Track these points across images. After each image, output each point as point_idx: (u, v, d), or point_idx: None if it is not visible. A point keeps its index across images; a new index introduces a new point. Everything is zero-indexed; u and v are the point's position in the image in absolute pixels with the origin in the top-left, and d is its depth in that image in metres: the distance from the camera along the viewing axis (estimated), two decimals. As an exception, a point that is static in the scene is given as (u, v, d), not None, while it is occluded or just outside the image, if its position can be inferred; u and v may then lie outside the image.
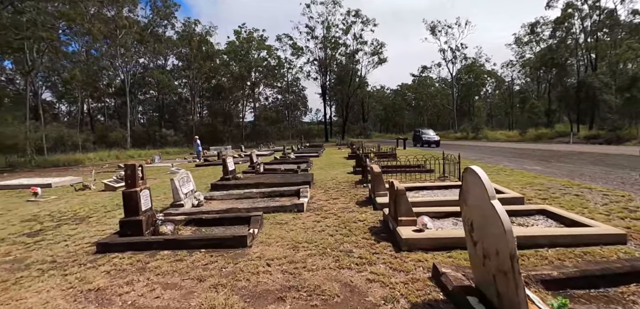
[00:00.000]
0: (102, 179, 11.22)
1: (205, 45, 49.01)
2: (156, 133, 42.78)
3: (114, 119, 49.96)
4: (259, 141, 50.28)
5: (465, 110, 77.63)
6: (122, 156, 28.21)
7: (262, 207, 5.59)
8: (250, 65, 51.37)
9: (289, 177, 8.81)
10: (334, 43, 56.50)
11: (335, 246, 3.89)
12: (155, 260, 3.59)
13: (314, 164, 14.23)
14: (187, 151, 38.67)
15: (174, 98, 55.97)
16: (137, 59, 46.67)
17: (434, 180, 8.60)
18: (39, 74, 41.28)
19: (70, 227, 5.29)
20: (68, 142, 29.12)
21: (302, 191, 6.67)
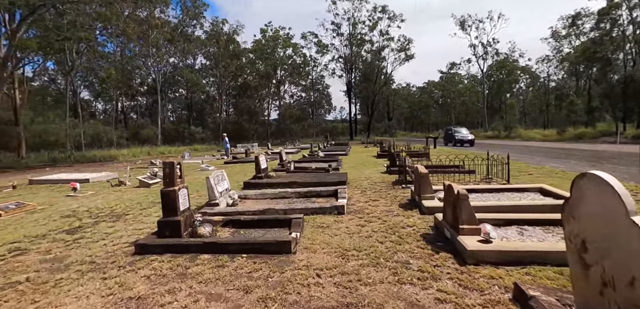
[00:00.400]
0: (136, 176, 11.38)
1: (232, 44, 49.74)
2: (185, 130, 43.92)
3: (146, 116, 51.85)
4: (284, 138, 50.48)
5: (496, 108, 74.44)
6: (154, 153, 29.05)
7: (300, 209, 5.29)
8: (276, 63, 51.60)
9: (323, 177, 8.48)
10: (360, 40, 55.68)
11: (388, 255, 3.50)
12: (195, 265, 3.35)
13: (344, 163, 13.83)
14: (215, 147, 39.41)
15: (202, 97, 57.32)
16: (168, 58, 48.10)
17: (478, 181, 7.99)
18: (78, 74, 43.48)
19: (107, 224, 5.21)
20: (103, 138, 30.36)
21: (340, 191, 6.30)
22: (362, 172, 10.68)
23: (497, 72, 67.56)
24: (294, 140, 44.51)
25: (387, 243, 3.89)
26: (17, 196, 8.73)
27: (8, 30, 21.52)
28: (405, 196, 6.63)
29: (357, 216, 5.17)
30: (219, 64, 47.34)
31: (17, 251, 4.09)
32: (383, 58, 57.74)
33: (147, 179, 9.36)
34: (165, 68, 48.38)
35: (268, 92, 56.54)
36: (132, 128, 42.99)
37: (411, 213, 5.22)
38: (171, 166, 4.08)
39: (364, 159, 16.42)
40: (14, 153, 25.21)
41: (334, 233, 4.30)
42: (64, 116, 27.41)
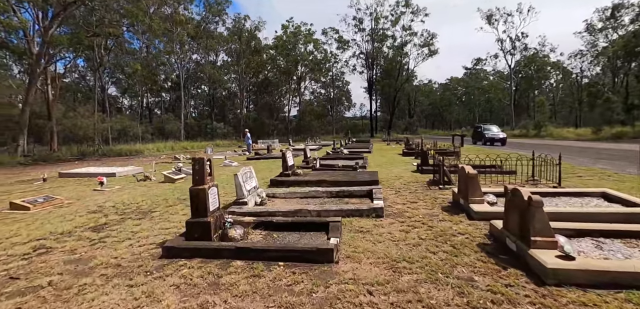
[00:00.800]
0: (161, 171, 11.33)
1: (254, 41, 49.91)
2: (207, 126, 44.50)
3: (169, 112, 52.96)
4: (304, 135, 50.27)
5: (524, 106, 71.40)
6: (177, 147, 29.48)
7: (335, 211, 4.87)
8: (297, 59, 51.39)
9: (353, 175, 8.03)
10: (382, 35, 54.60)
11: (446, 269, 3.03)
12: (228, 273, 3.01)
13: (369, 161, 13.31)
14: (236, 143, 39.69)
15: (224, 93, 58.00)
16: (191, 55, 48.86)
17: (523, 183, 7.32)
18: (106, 71, 44.89)
19: (133, 222, 4.99)
20: (129, 133, 31.08)
21: (375, 192, 5.84)
22: (391, 171, 10.15)
23: (525, 68, 64.72)
24: (315, 136, 44.23)
25: (440, 253, 3.42)
26: (47, 188, 8.79)
27: (41, 27, 22.26)
28: (445, 198, 6.09)
29: (397, 219, 4.70)
30: (241, 60, 47.61)
31: (42, 249, 3.90)
32: (405, 54, 56.41)
33: (172, 175, 9.22)
34: (188, 65, 49.22)
35: (288, 89, 56.49)
36: (157, 123, 43.94)
37: (458, 218, 4.70)
38: (201, 162, 3.76)
39: (390, 157, 15.83)
40: (47, 146, 26.23)
41: (376, 239, 3.86)
42: (92, 111, 28.18)
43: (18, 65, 34.71)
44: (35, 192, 8.22)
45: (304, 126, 53.67)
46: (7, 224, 5.14)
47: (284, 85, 57.69)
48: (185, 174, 9.95)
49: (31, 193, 8.07)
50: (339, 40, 54.35)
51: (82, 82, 49.42)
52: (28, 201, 6.24)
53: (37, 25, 22.04)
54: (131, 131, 31.17)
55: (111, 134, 28.37)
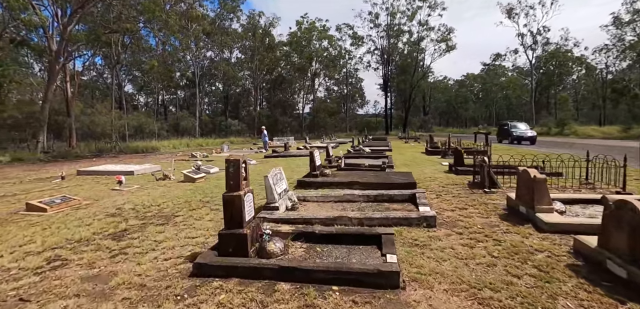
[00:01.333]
0: (180, 169, 10.98)
1: (268, 38, 49.57)
2: (221, 123, 44.46)
3: (184, 109, 53.24)
4: (318, 132, 49.75)
5: (544, 103, 69.06)
6: (192, 144, 29.39)
7: (378, 218, 4.30)
8: (311, 55, 50.81)
9: (385, 176, 7.43)
10: (398, 30, 53.45)
11: (545, 302, 2.42)
12: (275, 301, 2.48)
13: (393, 159, 12.68)
14: (250, 140, 39.48)
15: (237, 90, 57.98)
16: (205, 52, 48.95)
17: (578, 188, 6.59)
18: (122, 69, 45.39)
19: (156, 228, 4.53)
20: (146, 129, 31.17)
21: (419, 196, 5.24)
22: (422, 172, 9.50)
23: (546, 64, 62.41)
24: (330, 134, 43.68)
25: (526, 277, 2.81)
26: (65, 187, 8.50)
27: (60, 25, 22.34)
28: (496, 203, 5.44)
29: (453, 230, 4.10)
30: (255, 57, 47.36)
31: (57, 261, 3.46)
32: (422, 49, 55.09)
33: (191, 174, 8.81)
34: (202, 62, 49.32)
35: (302, 86, 56.05)
36: (172, 120, 44.18)
37: (525, 230, 4.06)
38: (236, 165, 3.24)
39: (412, 155, 15.15)
40: (66, 143, 26.48)
41: (439, 256, 3.27)
42: (110, 108, 28.32)
43: (39, 63, 35.34)
44: (53, 191, 7.93)
45: (318, 123, 53.15)
46: (23, 228, 4.76)
47: (297, 82, 57.24)
48: (205, 173, 9.55)
49: (49, 192, 7.78)
50: (353, 37, 53.53)
51: (100, 79, 50.16)
52: (45, 202, 5.89)
53: (56, 23, 22.11)
54: (147, 128, 31.24)
55: (128, 130, 28.43)
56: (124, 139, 29.67)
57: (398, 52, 55.51)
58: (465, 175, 8.34)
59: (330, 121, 55.18)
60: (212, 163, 13.33)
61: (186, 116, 42.93)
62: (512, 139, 20.32)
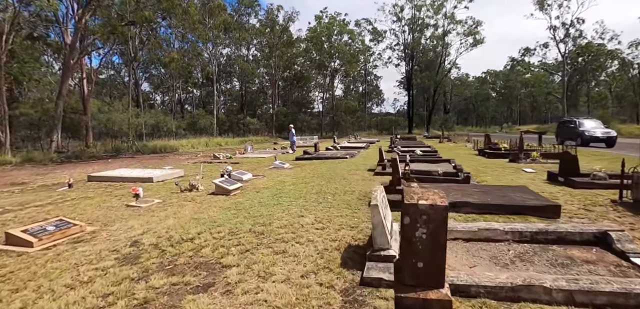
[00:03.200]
0: (207, 173, 9.23)
1: (286, 34, 47.82)
2: (239, 121, 42.99)
3: (200, 107, 52.11)
4: (339, 131, 47.76)
5: (573, 100, 65.21)
6: (211, 144, 27.88)
7: (589, 291, 2.32)
8: (331, 51, 48.79)
9: (501, 194, 5.39)
10: (422, 24, 50.85)
11: None
12: None
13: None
14: (269, 139, 37.84)
15: (254, 88, 56.55)
16: (222, 49, 47.70)
17: None
18: (139, 66, 44.47)
19: (195, 296, 2.66)
20: (163, 128, 29.86)
21: (620, 240, 3.20)
22: (513, 182, 7.41)
23: (579, 58, 58.56)
24: (353, 133, 41.65)
25: None
26: (70, 199, 6.82)
27: (75, 16, 21.11)
28: None
29: None
30: (273, 53, 45.70)
31: None
32: (447, 44, 52.31)
33: (224, 184, 6.99)
34: (219, 59, 48.05)
35: (321, 83, 54.16)
36: (188, 119, 43.00)
37: None
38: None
39: (469, 158, 13.02)
40: (82, 142, 25.37)
41: None
42: (127, 105, 27.08)
43: (58, 62, 34.56)
44: (52, 206, 6.25)
45: (338, 122, 51.16)
46: (-16, 283, 2.98)
47: (316, 78, 55.37)
48: (238, 181, 7.72)
49: (49, 207, 6.10)
50: (372, 32, 51.15)
51: (118, 78, 49.55)
52: (33, 231, 4.13)
53: (71, 13, 20.86)
54: (165, 127, 29.91)
55: (145, 129, 27.12)
56: (141, 137, 28.49)
57: (422, 47, 52.87)
58: (588, 189, 6.22)
59: (350, 119, 53.10)
60: (240, 167, 11.54)
61: (203, 114, 41.63)
62: (583, 141, 16.67)
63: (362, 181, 7.89)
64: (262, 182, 8.17)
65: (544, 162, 10.26)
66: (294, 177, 8.96)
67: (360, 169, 10.14)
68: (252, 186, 7.76)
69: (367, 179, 8.14)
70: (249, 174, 9.19)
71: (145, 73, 50.44)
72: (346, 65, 49.11)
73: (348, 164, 11.52)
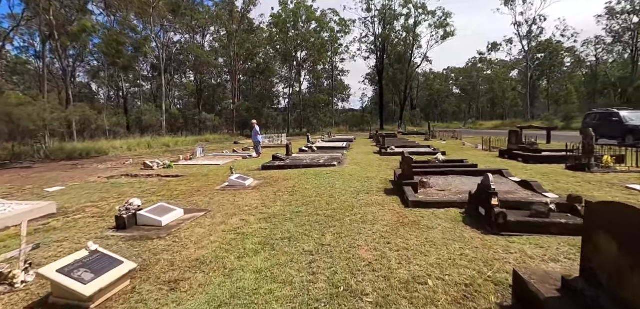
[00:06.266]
0: (111, 202, 4.90)
1: (247, 19, 42.79)
2: (195, 117, 37.50)
3: (151, 102, 45.53)
4: (308, 127, 43.80)
5: (535, 96, 66.90)
6: (155, 144, 22.65)
7: None
8: (297, 41, 44.51)
9: None
10: (392, 15, 48.20)
11: None
12: None
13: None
14: (230, 138, 32.95)
15: (213, 82, 50.79)
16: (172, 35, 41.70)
17: None
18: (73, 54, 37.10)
19: None
20: (91, 126, 23.95)
21: None
22: None
23: (540, 54, 59.81)
24: (323, 129, 37.92)
25: None
26: None
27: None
28: None
29: None
30: (233, 42, 40.51)
31: None
32: (418, 35, 50.22)
33: (83, 275, 2.76)
34: (169, 44, 41.92)
35: (288, 76, 49.76)
36: (135, 114, 36.70)
37: None
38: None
39: (492, 161, 9.75)
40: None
41: None
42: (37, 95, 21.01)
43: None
44: None
45: (307, 118, 47.18)
46: None
47: (280, 71, 50.87)
48: (143, 236, 3.52)
49: None
50: (340, 23, 47.39)
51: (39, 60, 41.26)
52: None
53: None
54: (94, 124, 24.01)
55: (74, 127, 21.17)
56: (71, 137, 22.51)
57: (394, 38, 50.29)
58: None
59: (319, 115, 49.36)
60: (174, 186, 7.17)
61: (151, 109, 35.60)
62: (624, 136, 13.36)
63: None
64: (197, 237, 4.00)
65: (629, 170, 7.13)
66: (263, 213, 4.88)
67: (373, 189, 6.28)
68: (170, 254, 3.55)
69: (414, 225, 4.26)
70: (178, 210, 4.95)
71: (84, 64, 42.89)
72: (315, 54, 45.00)
73: (342, 177, 7.60)
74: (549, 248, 3.22)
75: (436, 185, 6.27)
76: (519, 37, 55.65)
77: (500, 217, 3.60)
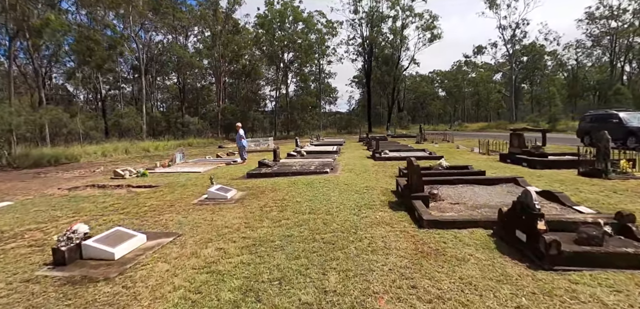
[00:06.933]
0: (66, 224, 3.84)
1: (231, 20, 41.49)
2: (177, 120, 35.95)
3: (131, 105, 43.61)
4: (296, 130, 42.81)
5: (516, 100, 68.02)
6: (133, 149, 21.23)
7: None
8: (283, 42, 43.48)
9: None
10: (379, 17, 47.80)
11: None
12: None
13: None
14: (214, 142, 31.64)
15: (197, 85, 49.18)
16: (154, 34, 40.03)
17: None
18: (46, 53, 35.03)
19: None
20: (63, 130, 22.29)
21: None
22: None
23: (523, 57, 60.81)
24: (311, 132, 37.02)
25: None
26: None
27: None
28: None
29: None
30: (217, 42, 39.15)
31: None
32: (405, 37, 50.00)
33: None
34: (150, 47, 40.26)
35: (274, 78, 48.65)
36: (114, 117, 34.82)
37: None
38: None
39: (494, 166, 9.07)
40: None
41: None
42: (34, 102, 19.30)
43: None
44: None
45: (294, 120, 46.15)
46: None
47: (267, 73, 49.72)
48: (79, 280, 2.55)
49: None
50: (327, 25, 46.57)
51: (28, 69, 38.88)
52: None
53: None
54: (65, 128, 22.33)
55: (28, 132, 19.52)
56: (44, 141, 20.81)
57: (382, 41, 49.90)
58: None
59: (307, 117, 48.39)
60: (146, 198, 6.11)
61: (131, 112, 33.85)
62: (624, 139, 12.83)
63: (440, 270, 3.12)
64: (156, 280, 3.02)
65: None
66: (246, 237, 3.93)
67: (375, 203, 5.40)
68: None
69: (438, 256, 3.40)
70: (139, 235, 3.95)
71: (60, 65, 40.67)
72: (302, 55, 44.07)
73: (337, 187, 6.71)
74: (629, 292, 2.42)
75: (447, 197, 5.46)
76: (503, 40, 56.16)
77: (552, 248, 2.78)
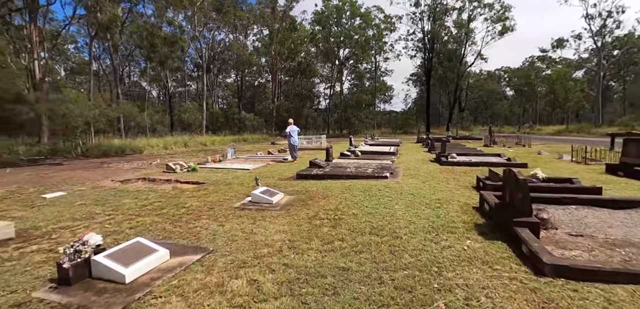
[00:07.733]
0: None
1: (288, 18, 41.70)
2: (234, 116, 37.07)
3: (195, 102, 46.37)
4: (349, 129, 41.71)
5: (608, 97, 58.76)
6: (192, 143, 22.00)
7: None
8: (339, 39, 42.54)
9: None
10: (443, 9, 44.44)
11: None
12: None
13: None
14: (268, 137, 31.97)
15: (254, 83, 50.64)
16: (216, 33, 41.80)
17: None
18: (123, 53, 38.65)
19: None
20: (130, 123, 23.95)
21: None
22: None
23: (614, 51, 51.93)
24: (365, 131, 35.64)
25: None
26: None
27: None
28: None
29: None
30: (274, 40, 39.60)
31: None
32: (471, 31, 45.84)
33: None
34: (212, 45, 42.13)
35: (329, 75, 48.03)
36: (178, 113, 37.16)
37: None
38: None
39: (586, 175, 7.02)
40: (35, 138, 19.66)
41: None
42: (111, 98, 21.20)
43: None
44: None
45: (348, 119, 45.00)
46: None
47: (322, 70, 49.22)
48: None
49: None
50: (385, 20, 44.45)
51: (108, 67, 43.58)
52: None
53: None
54: (133, 121, 23.98)
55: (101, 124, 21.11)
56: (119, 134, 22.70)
57: (445, 35, 46.44)
58: None
59: (361, 116, 46.99)
60: (187, 198, 5.50)
61: (192, 108, 35.75)
62: None
63: None
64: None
65: None
66: (288, 266, 2.96)
67: (456, 223, 4.11)
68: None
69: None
70: (161, 250, 3.22)
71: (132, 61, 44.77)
72: (359, 51, 42.68)
73: (401, 198, 5.49)
74: None
75: (561, 224, 3.96)
76: (590, 32, 48.55)
77: None
